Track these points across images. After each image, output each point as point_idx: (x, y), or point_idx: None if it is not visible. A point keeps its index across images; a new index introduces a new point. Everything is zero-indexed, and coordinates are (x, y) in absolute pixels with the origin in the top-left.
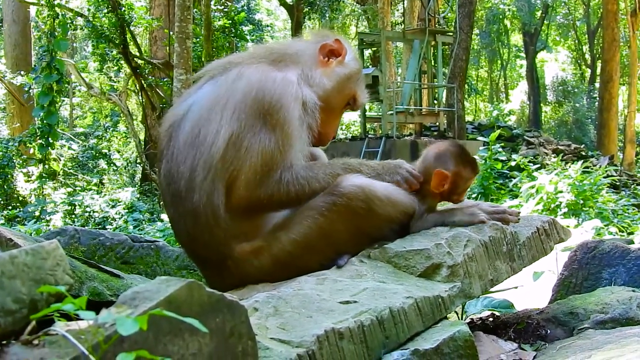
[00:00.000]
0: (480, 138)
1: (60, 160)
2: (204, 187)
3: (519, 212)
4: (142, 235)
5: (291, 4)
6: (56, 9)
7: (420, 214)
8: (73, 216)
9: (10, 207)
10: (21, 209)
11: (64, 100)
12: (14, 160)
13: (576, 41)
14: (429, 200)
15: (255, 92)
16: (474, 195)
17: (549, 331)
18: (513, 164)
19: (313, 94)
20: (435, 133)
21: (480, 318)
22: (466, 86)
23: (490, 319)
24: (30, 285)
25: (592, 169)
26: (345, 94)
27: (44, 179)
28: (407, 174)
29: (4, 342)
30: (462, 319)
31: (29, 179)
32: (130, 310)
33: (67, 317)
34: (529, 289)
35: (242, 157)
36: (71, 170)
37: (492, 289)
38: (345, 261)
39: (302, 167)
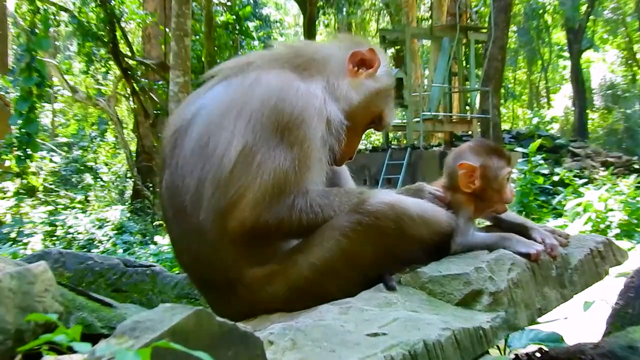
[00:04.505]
0: (518, 149)
1: (40, 174)
2: (212, 204)
3: (569, 235)
4: (135, 260)
5: None
6: (37, 2)
7: (463, 229)
8: (54, 238)
9: None
10: None
11: (44, 106)
12: None
13: (626, 39)
14: (464, 211)
15: (275, 101)
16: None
17: None
18: (556, 178)
19: (339, 112)
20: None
21: (526, 353)
22: (502, 90)
23: (538, 355)
24: (16, 313)
25: None
26: (371, 110)
27: (21, 196)
28: (431, 197)
29: None
30: (504, 354)
31: (5, 195)
32: (132, 342)
33: (56, 349)
34: (579, 321)
35: (252, 173)
36: (52, 186)
37: (539, 320)
38: (394, 282)
39: (317, 193)
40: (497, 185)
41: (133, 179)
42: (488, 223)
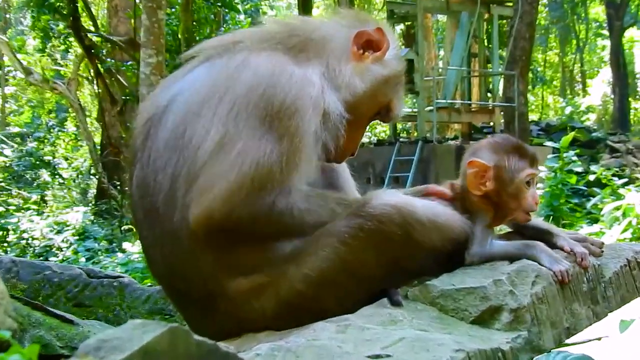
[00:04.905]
0: (548, 143)
1: None
2: (186, 203)
3: (603, 243)
4: (100, 270)
5: None
6: None
7: (480, 237)
8: (5, 244)
9: None
10: None
11: None
12: None
13: None
14: (481, 216)
15: (264, 88)
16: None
17: None
18: (592, 177)
19: (339, 103)
20: (489, 136)
21: None
22: (530, 74)
23: None
24: None
25: None
26: (378, 101)
27: None
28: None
29: None
30: None
31: None
32: None
33: None
34: (615, 342)
35: (230, 161)
36: (3, 184)
37: (568, 341)
38: (400, 296)
39: (301, 196)
40: (514, 190)
41: (97, 176)
42: (508, 229)
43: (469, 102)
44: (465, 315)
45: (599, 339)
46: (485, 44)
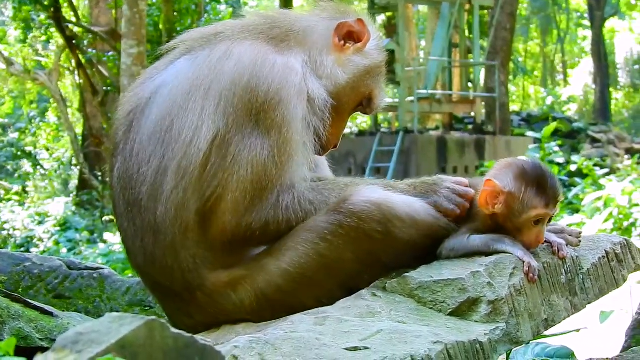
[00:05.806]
0: (530, 133)
1: None
2: (172, 198)
3: (581, 232)
4: (80, 262)
5: None
6: None
7: (459, 233)
8: None
9: None
10: None
11: None
12: None
13: None
14: (477, 224)
15: (247, 78)
16: None
17: None
18: (573, 168)
19: (322, 89)
20: (470, 126)
21: None
22: (511, 64)
23: None
24: None
25: None
26: (360, 92)
27: None
28: (449, 192)
29: None
30: None
31: None
32: (73, 357)
33: None
34: (595, 333)
35: (228, 169)
36: None
37: (546, 332)
38: None
39: (306, 187)
40: (520, 223)
41: (79, 167)
42: None
43: (450, 92)
44: (443, 307)
45: (578, 330)
46: (467, 34)
